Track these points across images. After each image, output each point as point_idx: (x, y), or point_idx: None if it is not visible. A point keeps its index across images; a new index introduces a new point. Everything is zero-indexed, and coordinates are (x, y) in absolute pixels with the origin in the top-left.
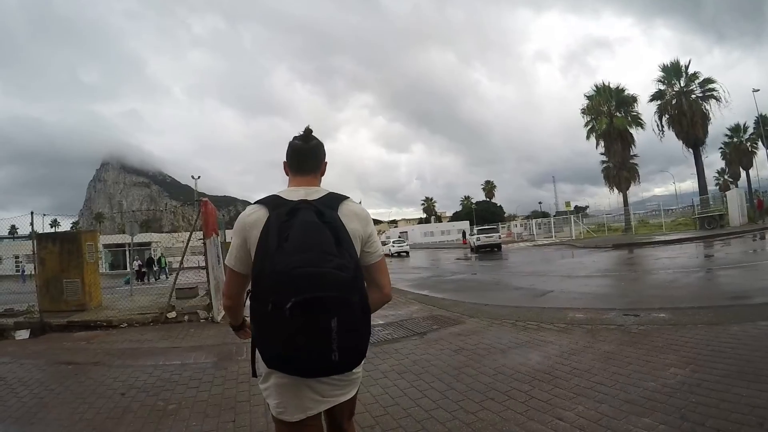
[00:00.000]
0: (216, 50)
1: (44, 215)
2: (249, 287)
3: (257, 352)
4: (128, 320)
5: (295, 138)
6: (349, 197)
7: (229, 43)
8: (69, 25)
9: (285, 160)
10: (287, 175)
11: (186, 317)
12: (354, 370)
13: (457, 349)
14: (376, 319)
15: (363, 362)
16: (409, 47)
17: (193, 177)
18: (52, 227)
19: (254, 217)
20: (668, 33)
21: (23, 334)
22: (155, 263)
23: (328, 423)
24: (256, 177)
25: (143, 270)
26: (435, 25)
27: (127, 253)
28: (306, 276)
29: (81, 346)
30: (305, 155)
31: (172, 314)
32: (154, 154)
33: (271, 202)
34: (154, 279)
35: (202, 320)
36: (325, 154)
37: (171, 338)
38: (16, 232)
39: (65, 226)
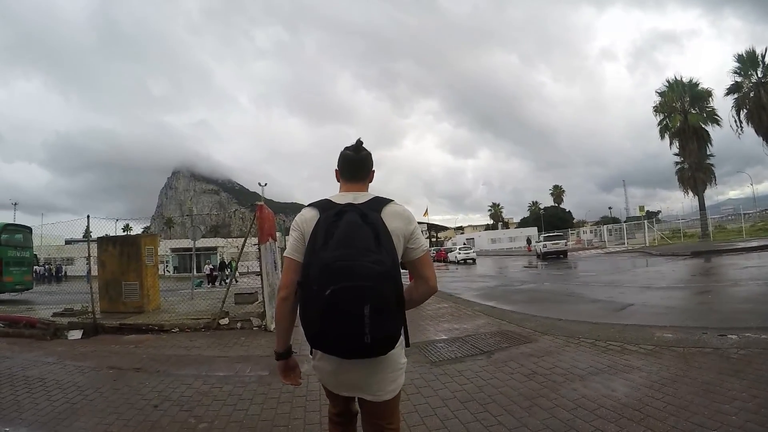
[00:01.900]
0: (281, 60)
1: (117, 220)
2: (299, 278)
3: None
4: (180, 325)
5: (346, 148)
6: (393, 200)
7: (293, 52)
8: (137, 42)
9: (336, 168)
10: (338, 181)
11: (239, 324)
12: (394, 361)
13: (530, 374)
14: (439, 333)
15: (404, 359)
16: (471, 50)
17: (260, 184)
18: (124, 231)
19: (309, 216)
20: (738, 23)
21: (75, 335)
22: (227, 267)
23: (365, 422)
24: (322, 183)
25: (215, 274)
26: (496, 26)
27: (193, 257)
28: (344, 268)
29: (128, 350)
30: (356, 165)
31: (225, 321)
32: (222, 162)
33: (323, 205)
34: (222, 283)
35: (255, 328)
36: (372, 163)
37: (219, 346)
38: (91, 235)
39: (137, 230)
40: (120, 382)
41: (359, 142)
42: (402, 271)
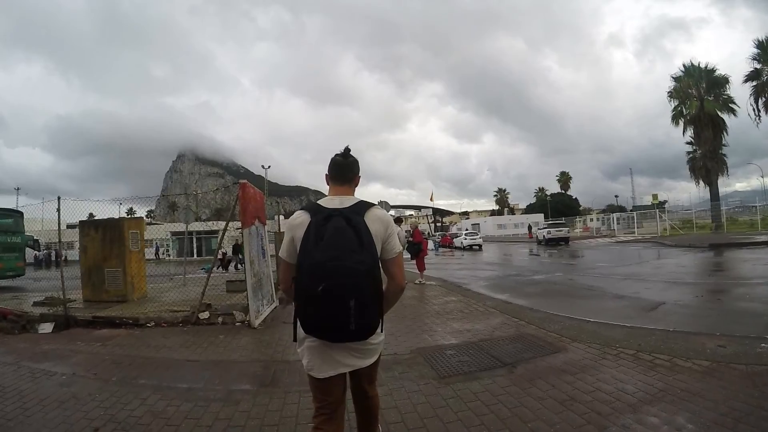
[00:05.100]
0: (282, 42)
1: (120, 203)
2: (294, 275)
3: (298, 322)
4: (156, 319)
5: (336, 155)
6: (375, 204)
7: (295, 34)
8: (137, 23)
9: (326, 172)
10: (328, 184)
11: (220, 319)
12: (370, 341)
13: (566, 401)
14: (448, 336)
15: (381, 337)
16: (476, 34)
17: (263, 167)
18: (128, 214)
19: (299, 221)
20: (749, 12)
21: (46, 328)
22: (240, 251)
23: (353, 385)
24: (325, 166)
25: (229, 257)
26: (502, 10)
27: (193, 240)
28: (333, 267)
29: (93, 349)
30: (344, 169)
31: (205, 315)
32: (225, 144)
33: (313, 209)
34: (236, 268)
35: (237, 323)
36: (359, 169)
37: (193, 346)
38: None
39: (141, 213)
40: (67, 393)
41: (347, 149)
42: None
